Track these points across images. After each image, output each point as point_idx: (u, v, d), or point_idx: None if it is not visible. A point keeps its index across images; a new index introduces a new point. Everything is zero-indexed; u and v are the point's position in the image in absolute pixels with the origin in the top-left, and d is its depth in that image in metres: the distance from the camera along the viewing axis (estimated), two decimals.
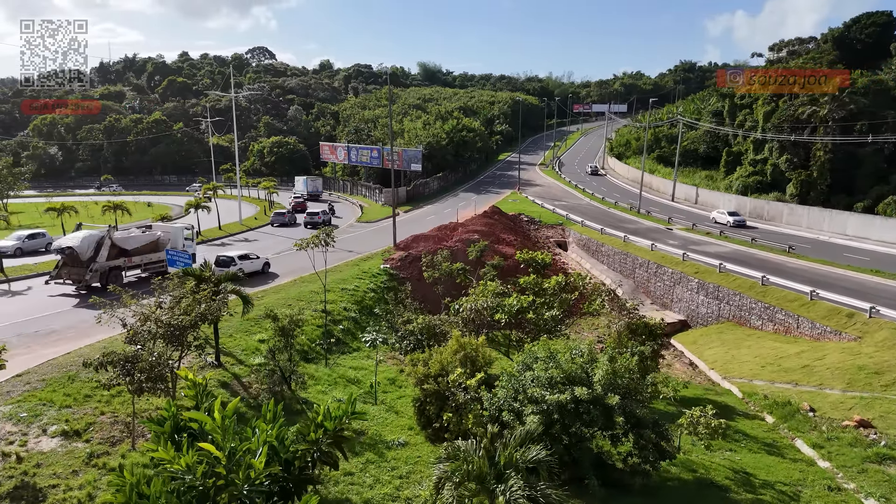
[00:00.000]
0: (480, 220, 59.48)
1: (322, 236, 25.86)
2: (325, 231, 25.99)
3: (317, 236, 26.10)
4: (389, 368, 27.33)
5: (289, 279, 37.70)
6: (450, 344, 20.73)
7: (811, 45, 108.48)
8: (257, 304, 31.79)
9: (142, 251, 37.88)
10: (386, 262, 43.39)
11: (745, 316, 42.12)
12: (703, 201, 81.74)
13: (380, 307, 33.19)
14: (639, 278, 54.05)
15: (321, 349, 27.17)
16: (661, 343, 27.97)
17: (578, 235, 63.94)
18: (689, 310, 47.44)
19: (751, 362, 34.67)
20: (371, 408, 22.90)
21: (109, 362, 16.60)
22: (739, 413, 26.76)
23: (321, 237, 25.93)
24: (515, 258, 48.71)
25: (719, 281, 44.97)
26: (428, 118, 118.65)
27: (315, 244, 25.88)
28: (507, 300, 26.25)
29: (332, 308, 32.41)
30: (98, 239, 35.57)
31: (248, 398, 21.35)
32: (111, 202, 48.40)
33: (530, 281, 27.90)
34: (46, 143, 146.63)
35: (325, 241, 25.80)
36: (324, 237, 25.76)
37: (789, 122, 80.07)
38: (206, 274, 22.50)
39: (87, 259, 34.87)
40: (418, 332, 27.10)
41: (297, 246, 25.95)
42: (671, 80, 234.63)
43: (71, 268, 35.04)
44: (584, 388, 17.49)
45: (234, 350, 25.17)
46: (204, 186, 65.77)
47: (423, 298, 40.13)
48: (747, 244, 55.57)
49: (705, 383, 32.62)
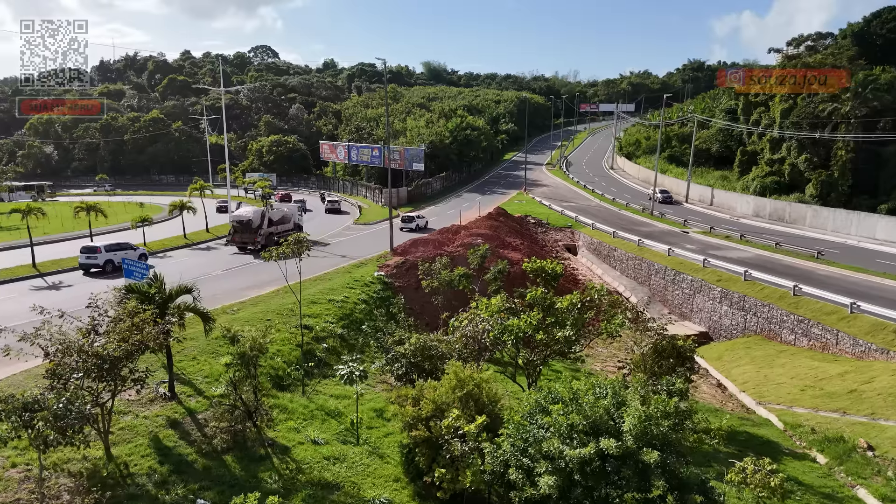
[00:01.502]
0: (485, 223, 55.77)
1: (294, 246, 21.98)
2: (295, 240, 22.01)
3: (289, 245, 22.26)
4: (377, 396, 23.64)
5: (270, 289, 34.02)
6: (446, 379, 17.05)
7: (828, 40, 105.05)
8: (231, 318, 28.22)
9: (279, 223, 50.70)
10: (380, 270, 39.65)
11: (776, 329, 38.28)
12: (720, 203, 77.84)
13: (368, 323, 29.44)
14: (654, 286, 50.26)
15: (299, 373, 23.47)
16: (690, 366, 24.21)
17: (589, 239, 60.19)
18: (710, 321, 43.64)
19: (787, 384, 30.85)
20: (351, 450, 19.22)
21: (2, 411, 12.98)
22: (785, 451, 22.98)
23: (292, 247, 22.07)
24: (522, 266, 45.07)
25: (745, 290, 41.15)
26: (431, 116, 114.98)
27: (287, 255, 22.08)
28: (512, 322, 22.53)
29: (316, 323, 28.74)
30: (261, 213, 49.25)
31: (201, 443, 17.69)
32: (85, 203, 44.98)
33: (538, 297, 24.15)
34: (42, 142, 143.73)
35: (297, 250, 21.91)
36: (294, 247, 21.85)
37: (808, 119, 76.16)
38: (151, 291, 18.88)
39: (256, 227, 48.23)
40: (411, 355, 23.41)
41: (265, 257, 22.10)
42: (679, 80, 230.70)
43: (243, 234, 48.13)
44: (613, 440, 13.79)
45: (196, 377, 21.54)
46: (190, 186, 62.33)
47: (420, 310, 36.47)
48: (771, 249, 51.70)
49: (738, 410, 28.82)
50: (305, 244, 21.94)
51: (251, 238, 47.65)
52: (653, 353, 24.39)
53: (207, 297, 32.92)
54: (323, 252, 47.50)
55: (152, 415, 18.47)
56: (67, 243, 48.34)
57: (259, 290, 34.31)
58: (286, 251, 22.03)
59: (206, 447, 17.49)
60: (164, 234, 53.86)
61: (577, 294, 24.38)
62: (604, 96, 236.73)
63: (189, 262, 43.53)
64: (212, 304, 31.25)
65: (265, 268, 37.81)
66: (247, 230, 48.09)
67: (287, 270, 26.14)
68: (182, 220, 52.61)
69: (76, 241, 48.63)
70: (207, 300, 32.13)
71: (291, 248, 21.90)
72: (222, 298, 32.37)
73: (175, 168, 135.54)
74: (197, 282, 37.77)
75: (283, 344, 25.62)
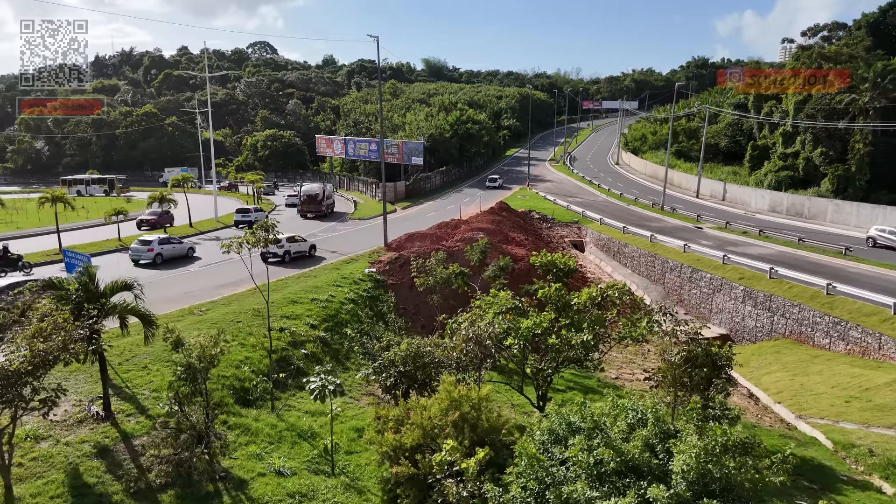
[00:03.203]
0: (486, 217, 52.21)
1: (260, 234, 18.14)
2: (261, 226, 18.16)
3: (253, 233, 18.45)
4: (360, 413, 20.11)
5: (248, 287, 30.48)
6: (437, 398, 13.53)
7: (841, 32, 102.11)
8: (198, 319, 24.73)
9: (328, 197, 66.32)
10: (372, 266, 36.05)
11: (807, 332, 34.74)
12: (732, 198, 74.26)
13: (351, 326, 25.75)
14: (669, 284, 46.74)
15: (269, 385, 19.93)
16: (727, 378, 20.67)
17: (597, 235, 56.64)
18: (732, 322, 40.14)
19: (828, 394, 27.32)
20: (324, 483, 15.69)
21: None
22: (842, 478, 19.45)
23: (258, 235, 18.25)
24: (529, 261, 41.52)
25: (771, 289, 37.62)
26: (431, 110, 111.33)
27: (251, 244, 18.34)
28: (521, 322, 19.02)
29: (295, 326, 25.21)
30: (320, 188, 66.28)
31: (134, 478, 14.17)
32: (50, 193, 41.43)
33: (552, 294, 20.62)
34: (33, 137, 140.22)
35: (264, 239, 18.14)
36: (262, 235, 18.04)
37: (823, 112, 72.68)
38: (72, 287, 15.41)
39: (320, 199, 63.62)
40: (400, 363, 19.93)
41: (224, 247, 18.40)
42: (683, 77, 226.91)
43: (310, 204, 62.91)
44: (661, 488, 10.30)
45: (142, 390, 18.04)
46: (172, 178, 58.77)
47: (415, 310, 32.96)
48: (793, 245, 48.19)
49: (776, 425, 25.29)
50: (272, 232, 18.34)
51: (317, 207, 62.99)
52: (682, 362, 20.85)
53: (178, 295, 29.60)
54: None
55: (77, 441, 15.01)
56: (33, 239, 44.47)
57: (235, 287, 30.81)
58: (249, 240, 18.38)
59: (140, 483, 13.99)
60: None
61: (595, 287, 20.84)
62: (606, 93, 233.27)
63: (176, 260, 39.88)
64: (182, 302, 27.87)
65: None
66: (313, 202, 63.28)
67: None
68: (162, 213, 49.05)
69: (42, 237, 44.98)
70: (178, 299, 28.76)
71: (256, 238, 18.24)
72: (194, 297, 28.94)
73: (168, 164, 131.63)
74: (172, 278, 34.78)
75: (253, 350, 22.11)
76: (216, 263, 37.41)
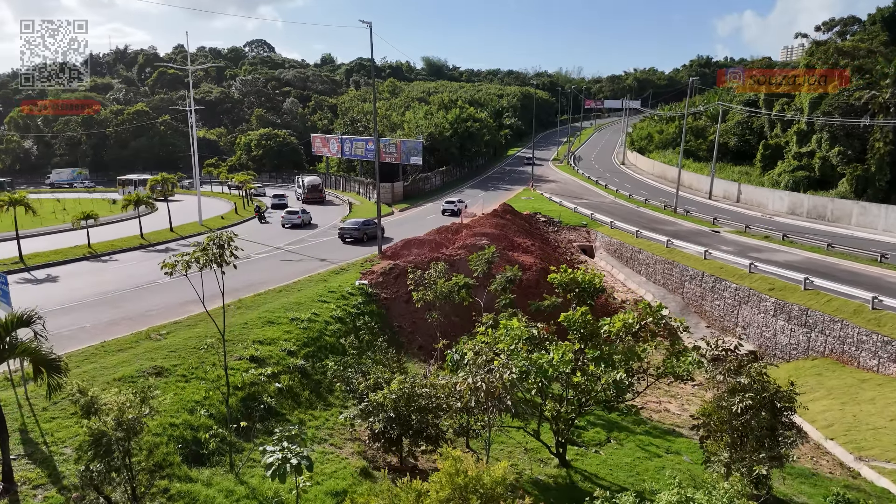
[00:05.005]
0: (489, 221, 48.47)
1: (213, 250, 14.11)
2: (214, 241, 14.09)
3: (205, 249, 14.40)
4: (343, 467, 16.35)
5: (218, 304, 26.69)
6: (435, 484, 9.82)
7: (855, 27, 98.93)
8: (154, 346, 20.97)
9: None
10: (364, 277, 32.26)
11: (851, 351, 31.02)
12: (747, 199, 70.60)
13: (334, 358, 21.78)
14: (688, 294, 43.05)
15: (231, 434, 16.18)
16: (790, 423, 16.95)
17: (608, 239, 52.94)
18: (761, 338, 36.44)
19: (888, 429, 23.62)
20: None
21: None
22: None
23: (211, 251, 14.24)
24: (537, 270, 37.76)
25: (806, 302, 33.93)
26: (430, 108, 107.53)
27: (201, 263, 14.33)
28: (542, 357, 15.34)
29: (269, 353, 21.44)
30: (320, 180, 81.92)
31: None
32: (7, 196, 37.60)
33: (576, 319, 16.92)
34: (22, 136, 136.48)
35: (220, 258, 14.20)
36: (215, 252, 14.04)
37: (841, 109, 69.15)
38: None
39: (320, 188, 77.06)
40: (391, 407, 16.24)
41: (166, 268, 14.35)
42: (686, 76, 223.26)
43: (313, 192, 74.47)
44: None
45: (63, 448, 14.31)
46: (150, 179, 55.06)
47: (412, 329, 29.24)
48: (821, 251, 44.52)
49: (835, 470, 21.54)
50: (231, 248, 14.36)
51: (319, 195, 75.32)
52: (742, 411, 16.98)
53: (137, 315, 25.78)
54: (299, 255, 40.27)
55: None
56: None
57: (207, 303, 26.98)
58: (198, 257, 14.41)
59: None
60: (119, 233, 46.41)
61: (631, 313, 17.13)
62: (609, 92, 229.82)
63: (134, 267, 35.88)
64: (138, 325, 24.13)
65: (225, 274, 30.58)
66: (316, 190, 75.56)
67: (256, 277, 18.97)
68: (139, 217, 45.22)
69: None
70: (135, 320, 24.94)
71: (210, 256, 14.28)
72: (155, 316, 25.19)
73: (160, 164, 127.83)
74: (135, 293, 30.63)
75: (215, 386, 18.34)
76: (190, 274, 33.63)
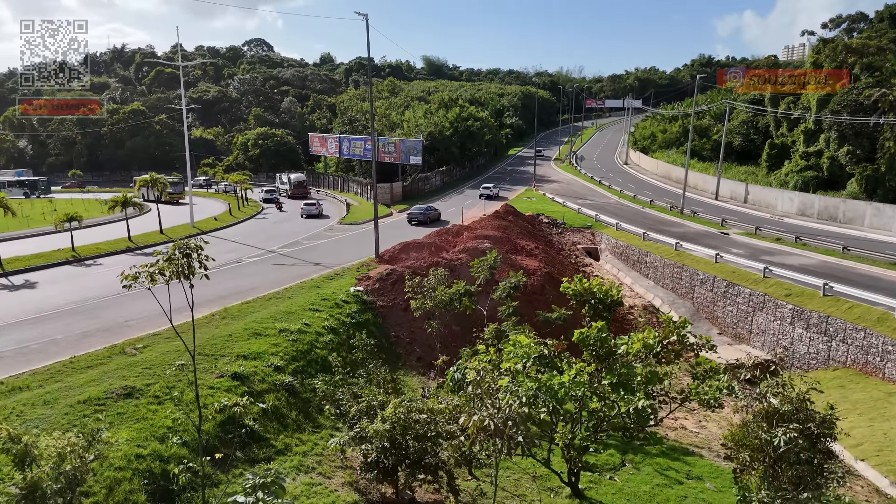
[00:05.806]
0: (492, 223, 46.71)
1: (179, 259, 12.14)
2: (180, 249, 12.11)
3: (170, 259, 12.45)
4: (329, 501, 14.63)
5: (202, 313, 24.99)
6: None
7: (862, 24, 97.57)
8: (129, 361, 19.23)
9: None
10: (359, 283, 30.52)
11: (876, 362, 29.28)
12: (755, 200, 68.87)
13: (321, 377, 19.90)
14: (699, 299, 41.32)
15: (205, 466, 14.44)
16: (829, 452, 15.23)
17: (613, 241, 51.20)
18: (777, 346, 34.66)
19: None
20: None
21: None
22: None
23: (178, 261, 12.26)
24: (537, 275, 35.98)
25: (826, 308, 32.19)
26: (430, 107, 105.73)
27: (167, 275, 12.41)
28: (547, 376, 13.62)
29: (254, 369, 19.70)
30: (305, 177, 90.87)
31: None
32: None
33: (593, 337, 15.19)
34: (17, 136, 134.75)
35: (185, 268, 12.24)
36: (182, 262, 12.06)
37: (850, 107, 67.48)
38: None
39: (306, 185, 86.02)
40: (384, 437, 14.49)
41: (126, 280, 12.39)
42: (687, 75, 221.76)
43: (299, 188, 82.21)
44: None
45: (10, 485, 12.56)
46: (138, 180, 53.38)
47: (410, 339, 27.51)
48: (837, 254, 42.79)
49: (872, 497, 19.81)
50: (199, 257, 12.45)
51: (304, 191, 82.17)
52: (765, 421, 15.39)
53: (114, 325, 23.96)
54: (292, 259, 38.51)
55: None
56: None
57: (197, 310, 25.30)
58: (163, 268, 12.45)
59: None
60: (106, 235, 44.67)
61: (651, 332, 15.38)
62: (610, 92, 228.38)
63: (118, 272, 34.07)
64: (114, 336, 22.40)
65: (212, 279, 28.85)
66: (301, 186, 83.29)
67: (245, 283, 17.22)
68: (126, 219, 43.50)
69: None
70: (112, 331, 23.16)
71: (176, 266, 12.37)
72: (134, 327, 23.46)
73: (155, 164, 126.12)
74: (115, 301, 28.53)
75: (190, 409, 16.61)
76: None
